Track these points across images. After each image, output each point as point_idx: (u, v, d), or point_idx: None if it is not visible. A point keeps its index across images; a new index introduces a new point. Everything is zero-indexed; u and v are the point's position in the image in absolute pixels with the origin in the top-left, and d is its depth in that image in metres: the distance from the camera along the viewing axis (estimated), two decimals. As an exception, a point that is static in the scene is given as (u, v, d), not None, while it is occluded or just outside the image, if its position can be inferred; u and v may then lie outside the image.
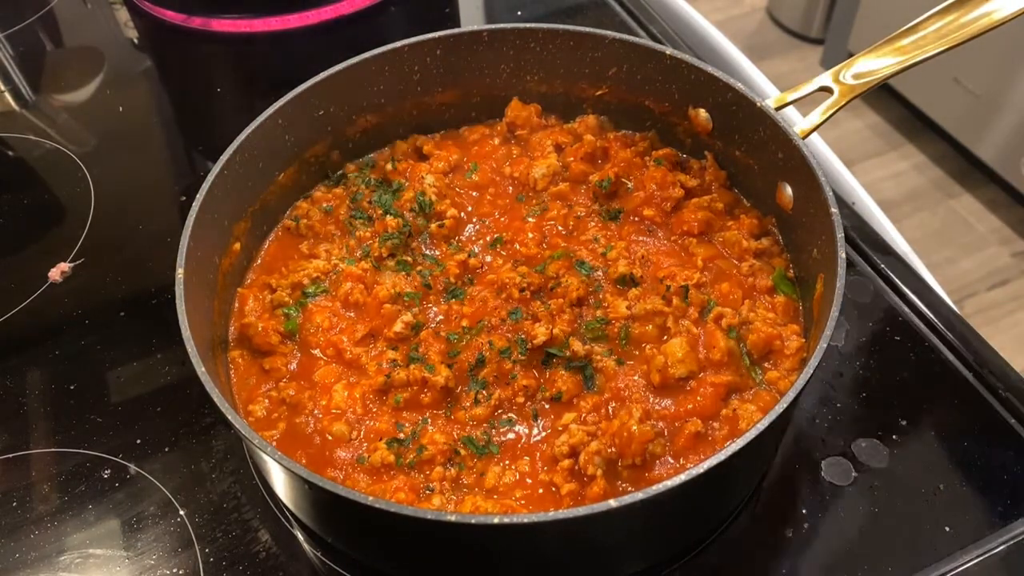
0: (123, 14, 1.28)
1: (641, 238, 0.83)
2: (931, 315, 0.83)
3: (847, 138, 2.59)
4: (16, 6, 1.29)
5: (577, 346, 0.72)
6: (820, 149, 1.04)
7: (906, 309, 0.85)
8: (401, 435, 0.69)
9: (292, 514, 0.73)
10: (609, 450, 0.66)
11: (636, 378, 0.72)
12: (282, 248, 0.84)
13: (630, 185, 0.85)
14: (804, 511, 0.72)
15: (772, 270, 0.79)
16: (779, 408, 0.57)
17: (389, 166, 0.89)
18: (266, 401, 0.72)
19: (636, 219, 0.84)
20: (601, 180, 0.85)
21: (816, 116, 0.75)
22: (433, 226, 0.84)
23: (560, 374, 0.72)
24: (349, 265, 0.80)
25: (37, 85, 1.20)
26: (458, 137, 0.94)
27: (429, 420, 0.70)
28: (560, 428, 0.69)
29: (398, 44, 0.85)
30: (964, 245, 2.32)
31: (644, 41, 0.85)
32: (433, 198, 0.84)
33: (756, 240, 0.81)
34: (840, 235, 0.66)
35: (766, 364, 0.73)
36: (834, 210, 0.67)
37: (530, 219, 0.85)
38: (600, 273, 0.79)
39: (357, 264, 0.80)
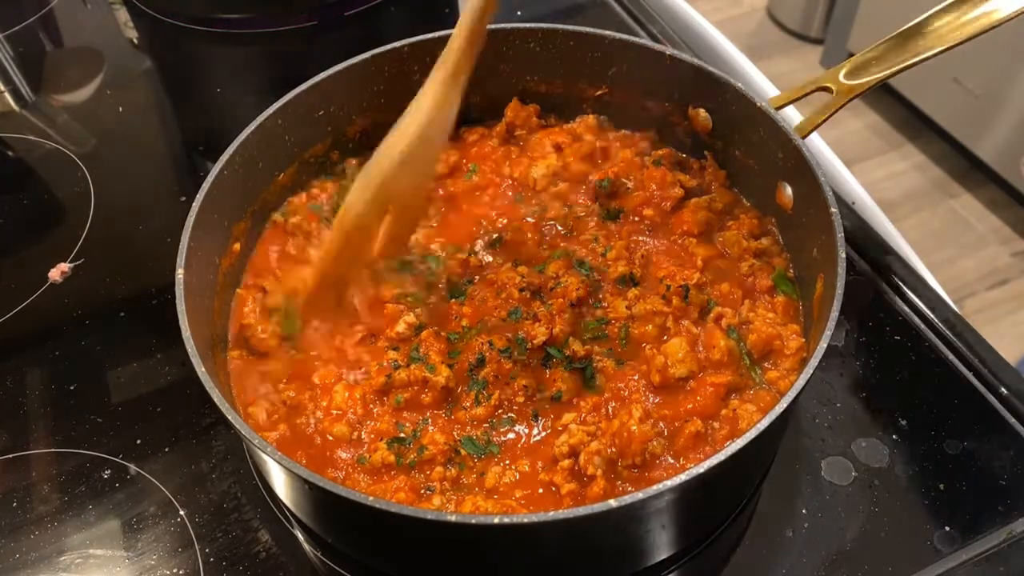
0: (123, 14, 1.28)
1: (641, 238, 0.83)
2: (931, 315, 0.83)
3: (847, 138, 2.59)
4: (16, 6, 1.29)
5: (577, 346, 0.72)
6: (820, 149, 1.04)
7: (906, 309, 0.85)
8: (402, 435, 0.69)
9: (292, 514, 0.73)
10: (609, 450, 0.66)
11: (636, 378, 0.72)
12: (272, 246, 0.84)
13: (629, 185, 0.85)
14: (804, 511, 0.72)
15: (772, 270, 0.79)
16: (779, 408, 0.57)
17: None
18: (266, 402, 0.72)
19: (636, 219, 0.84)
20: (601, 180, 0.85)
21: (816, 116, 0.75)
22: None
23: (560, 374, 0.72)
24: None
25: (37, 85, 1.20)
26: (457, 138, 0.94)
27: (430, 420, 0.70)
28: (560, 428, 0.69)
29: (398, 44, 0.85)
30: (964, 245, 2.32)
31: (644, 41, 0.85)
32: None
33: (756, 240, 0.81)
34: (840, 235, 0.66)
35: (766, 364, 0.73)
36: (834, 210, 0.67)
37: (529, 219, 0.85)
38: (600, 273, 0.79)
39: None
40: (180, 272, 0.66)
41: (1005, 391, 0.78)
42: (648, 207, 0.84)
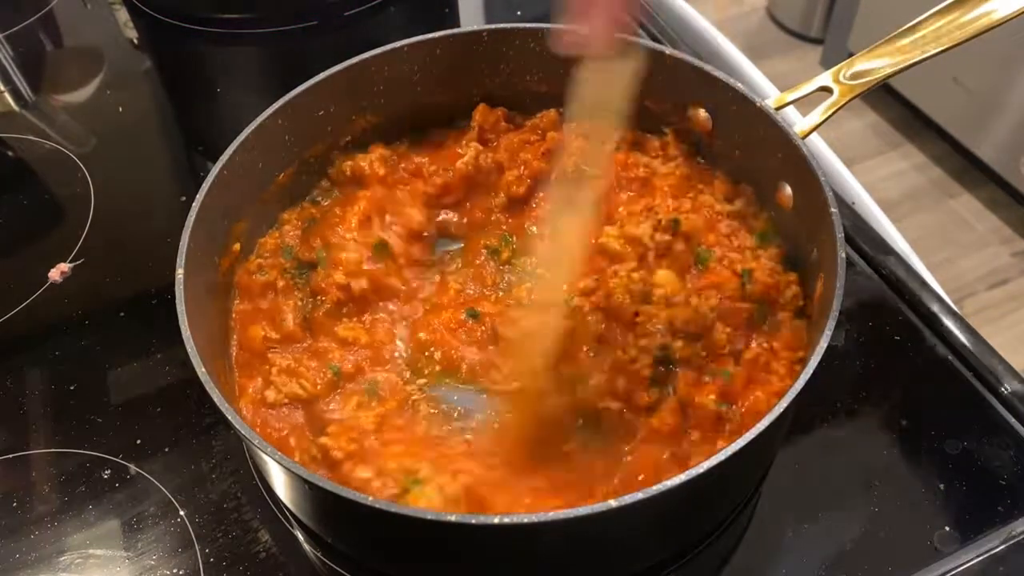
0: (123, 14, 1.28)
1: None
2: (931, 315, 0.83)
3: (847, 138, 2.59)
4: (16, 6, 1.29)
5: None
6: (820, 149, 1.04)
7: (906, 309, 0.84)
8: None
9: (292, 514, 0.73)
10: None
11: None
12: (250, 316, 0.77)
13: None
14: (804, 511, 0.72)
15: (752, 230, 0.79)
16: (779, 408, 0.57)
17: (314, 210, 0.85)
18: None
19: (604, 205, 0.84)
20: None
21: (816, 116, 0.75)
22: None
23: None
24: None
25: (37, 85, 1.20)
26: (430, 144, 0.91)
27: None
28: None
29: (398, 44, 0.85)
30: (964, 245, 2.32)
31: (644, 41, 0.85)
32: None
33: (730, 203, 0.81)
34: (840, 235, 0.66)
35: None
36: (834, 210, 0.67)
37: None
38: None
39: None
40: (180, 272, 0.66)
41: (1005, 391, 0.78)
42: (616, 190, 0.84)
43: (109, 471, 0.76)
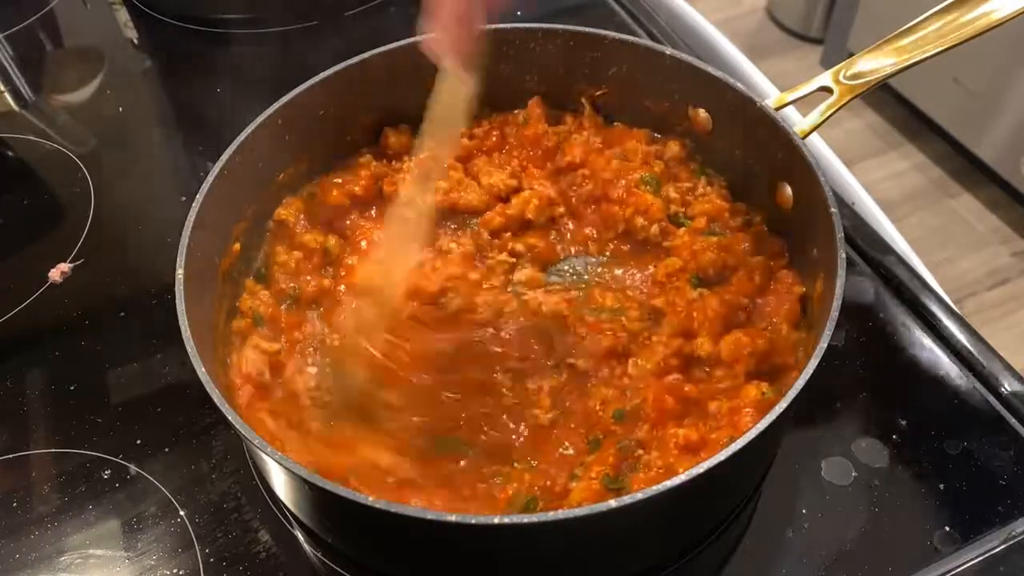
0: (123, 14, 1.28)
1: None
2: (931, 315, 0.83)
3: (847, 138, 2.59)
4: (16, 6, 1.29)
5: None
6: (820, 149, 1.04)
7: (906, 309, 0.85)
8: None
9: (292, 514, 0.73)
10: None
11: None
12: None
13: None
14: (804, 511, 0.72)
15: (694, 172, 0.84)
16: (779, 408, 0.57)
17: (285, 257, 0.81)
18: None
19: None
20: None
21: (816, 116, 0.75)
22: None
23: None
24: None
25: (37, 85, 1.20)
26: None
27: None
28: None
29: (398, 44, 0.85)
30: (964, 245, 2.32)
31: (644, 41, 0.85)
32: None
33: (660, 145, 0.85)
34: (840, 235, 0.66)
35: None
36: (834, 210, 0.67)
37: None
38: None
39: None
40: (180, 272, 0.66)
41: (1005, 391, 0.78)
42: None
43: (109, 471, 0.76)
